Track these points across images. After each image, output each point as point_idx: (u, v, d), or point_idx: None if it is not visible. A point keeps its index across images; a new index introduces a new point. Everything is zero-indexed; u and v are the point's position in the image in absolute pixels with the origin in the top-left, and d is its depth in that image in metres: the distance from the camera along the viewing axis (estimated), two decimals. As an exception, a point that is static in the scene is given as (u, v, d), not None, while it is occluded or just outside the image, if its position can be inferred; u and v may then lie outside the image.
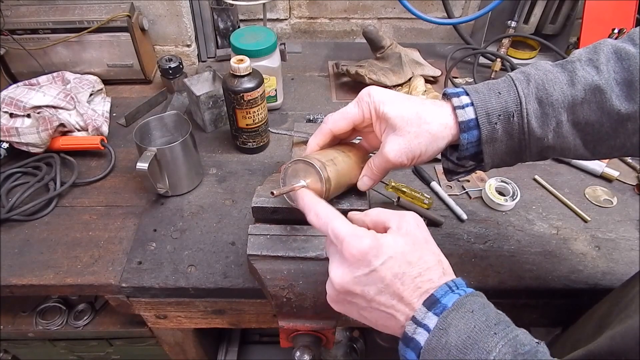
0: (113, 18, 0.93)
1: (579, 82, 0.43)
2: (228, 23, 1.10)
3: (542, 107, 0.44)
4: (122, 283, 0.65)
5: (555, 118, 0.44)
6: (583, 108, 0.43)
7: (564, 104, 0.44)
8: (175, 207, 0.76)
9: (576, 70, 0.44)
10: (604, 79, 0.42)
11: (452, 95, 0.47)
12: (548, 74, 0.45)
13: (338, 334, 1.14)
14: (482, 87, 0.47)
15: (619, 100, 0.42)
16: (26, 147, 0.80)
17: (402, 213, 0.42)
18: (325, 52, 1.18)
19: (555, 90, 0.44)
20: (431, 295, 0.37)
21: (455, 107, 0.46)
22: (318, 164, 0.48)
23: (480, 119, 0.45)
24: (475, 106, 0.45)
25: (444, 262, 0.40)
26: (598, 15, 1.01)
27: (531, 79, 0.45)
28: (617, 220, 0.74)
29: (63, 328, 0.83)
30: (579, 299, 0.67)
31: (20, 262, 0.68)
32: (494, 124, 0.45)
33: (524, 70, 0.46)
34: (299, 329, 0.56)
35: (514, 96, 0.44)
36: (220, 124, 0.92)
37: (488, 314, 0.36)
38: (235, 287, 0.65)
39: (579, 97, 0.43)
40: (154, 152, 0.69)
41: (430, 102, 0.48)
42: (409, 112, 0.46)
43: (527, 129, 0.44)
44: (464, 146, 0.47)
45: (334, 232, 0.40)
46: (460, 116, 0.45)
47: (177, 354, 0.92)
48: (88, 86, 0.93)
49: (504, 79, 0.46)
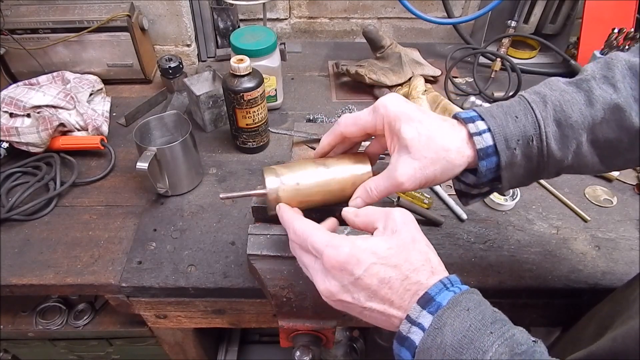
0: (113, 18, 0.93)
1: (598, 101, 0.42)
2: (228, 23, 1.10)
3: (561, 129, 0.43)
4: (122, 283, 0.65)
5: (575, 139, 0.43)
6: (602, 127, 0.43)
7: (583, 125, 0.43)
8: (175, 207, 0.76)
9: (593, 89, 0.43)
10: (622, 97, 0.42)
11: (467, 121, 0.45)
12: (564, 94, 0.43)
13: (338, 334, 1.14)
14: (497, 111, 0.44)
15: (637, 116, 0.41)
16: (26, 146, 0.80)
17: (389, 211, 0.41)
18: (325, 52, 1.18)
19: (573, 112, 0.43)
20: (425, 293, 0.37)
21: (472, 133, 0.44)
22: (270, 173, 0.48)
23: (499, 145, 0.43)
24: (492, 132, 0.43)
25: (432, 260, 0.39)
26: (598, 15, 1.01)
27: (548, 101, 0.43)
28: (617, 220, 0.74)
29: (63, 328, 0.83)
30: (579, 298, 0.67)
31: (20, 262, 0.68)
32: (513, 149, 0.43)
33: (538, 91, 0.45)
34: (299, 329, 0.56)
35: (531, 119, 0.43)
36: (220, 124, 0.92)
37: (484, 313, 0.35)
38: (235, 287, 0.65)
39: (598, 117, 0.42)
40: (154, 151, 0.69)
41: (448, 125, 0.45)
42: (426, 135, 0.43)
43: (546, 152, 0.43)
44: (482, 173, 0.45)
45: (313, 246, 0.40)
46: (478, 143, 0.43)
47: (177, 353, 0.92)
48: (88, 86, 0.93)
49: (518, 101, 0.45)
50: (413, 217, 0.41)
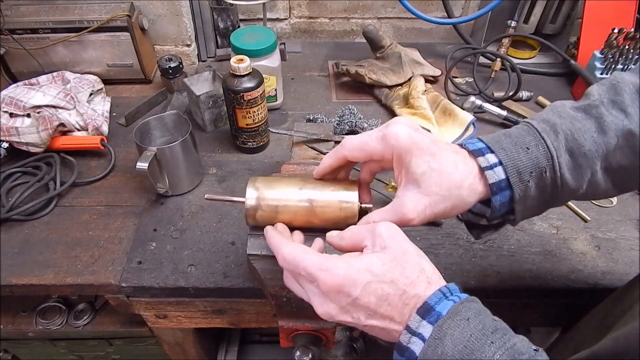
0: (113, 18, 0.93)
1: (610, 128, 0.41)
2: (228, 23, 1.10)
3: (574, 159, 0.42)
4: (122, 283, 0.65)
5: (590, 168, 0.42)
6: (616, 154, 0.42)
7: (597, 154, 0.42)
8: (175, 207, 0.76)
9: (603, 116, 0.42)
10: (634, 122, 0.41)
11: (477, 154, 0.43)
12: (575, 122, 0.42)
13: (338, 334, 1.14)
14: (506, 141, 0.43)
15: None
16: (26, 146, 0.80)
17: (374, 227, 0.40)
18: (325, 52, 1.18)
19: (586, 140, 0.41)
20: (425, 303, 0.36)
21: (482, 167, 0.42)
22: (252, 187, 0.48)
23: (511, 179, 0.41)
24: (504, 165, 0.41)
25: (427, 270, 0.39)
26: (598, 15, 1.01)
27: (559, 130, 0.42)
28: (617, 220, 0.74)
29: (63, 328, 0.83)
30: (579, 298, 0.67)
31: (20, 262, 0.68)
32: (527, 182, 0.42)
33: (547, 119, 0.43)
34: (299, 329, 0.56)
35: (543, 150, 0.41)
36: (220, 124, 0.92)
37: (484, 322, 0.35)
38: (235, 287, 0.65)
39: (612, 144, 0.41)
40: (154, 151, 0.69)
41: (460, 158, 0.43)
42: (438, 170, 0.42)
43: (560, 182, 0.42)
44: (496, 208, 0.43)
45: (306, 271, 0.39)
46: (490, 178, 0.42)
47: (177, 353, 0.92)
48: (88, 86, 0.93)
49: (527, 130, 0.43)
50: (398, 229, 0.41)
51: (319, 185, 0.50)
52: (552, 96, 1.00)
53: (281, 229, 0.48)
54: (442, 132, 0.89)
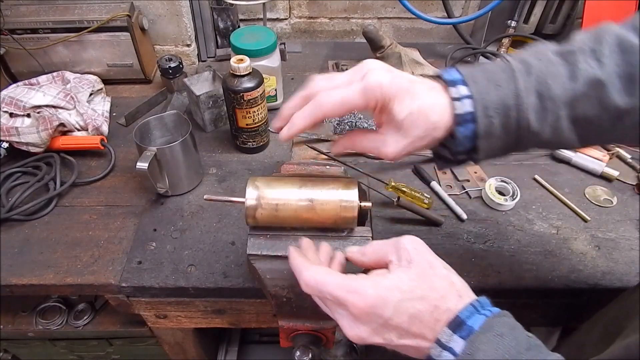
0: (113, 18, 0.93)
1: (581, 75, 0.41)
2: (228, 23, 1.10)
3: (541, 102, 0.42)
4: (122, 283, 0.65)
5: (554, 113, 0.42)
6: (583, 103, 0.42)
7: (564, 98, 0.42)
8: (175, 207, 0.76)
9: (578, 63, 0.42)
10: (606, 73, 0.41)
11: (450, 84, 0.43)
12: (550, 66, 0.42)
13: (338, 334, 1.14)
14: (480, 76, 0.43)
15: (619, 94, 0.41)
16: (26, 146, 0.80)
17: (397, 241, 0.40)
18: (325, 52, 1.18)
19: (556, 84, 0.42)
20: (456, 317, 0.35)
21: (452, 98, 0.43)
22: (251, 184, 0.48)
23: (477, 113, 0.42)
24: (474, 99, 0.42)
25: (456, 283, 0.38)
26: (598, 15, 1.01)
27: (532, 71, 0.42)
28: (617, 220, 0.74)
29: (63, 328, 0.83)
30: (579, 298, 0.67)
31: (20, 262, 0.68)
32: (491, 118, 0.42)
33: (525, 59, 0.43)
34: (299, 329, 0.56)
35: (513, 89, 0.42)
36: (220, 124, 0.92)
37: (518, 338, 0.34)
38: (235, 287, 0.65)
39: (579, 91, 0.41)
40: (154, 151, 0.69)
41: (435, 94, 0.43)
42: (417, 112, 0.42)
43: (524, 124, 0.42)
44: (459, 140, 0.44)
45: (333, 296, 0.38)
46: (457, 108, 0.42)
47: (177, 353, 0.92)
48: (88, 86, 0.93)
49: (503, 68, 0.43)
50: (422, 242, 0.40)
51: (318, 183, 0.50)
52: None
53: (306, 246, 0.47)
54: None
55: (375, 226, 0.73)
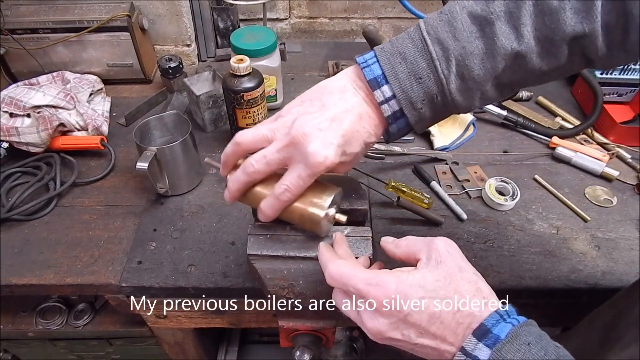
0: (113, 18, 0.93)
1: (499, 53, 0.41)
2: (228, 23, 1.10)
3: (464, 82, 0.42)
4: (122, 283, 0.65)
5: (479, 90, 0.43)
6: (505, 73, 0.42)
7: (486, 77, 0.42)
8: (175, 207, 0.76)
9: (495, 37, 0.40)
10: (524, 44, 0.40)
11: (372, 86, 0.43)
12: (467, 44, 0.41)
13: (338, 334, 1.14)
14: (401, 68, 0.42)
15: (540, 59, 0.41)
16: (26, 146, 0.80)
17: (431, 241, 0.40)
18: (325, 52, 1.18)
19: (475, 65, 0.41)
20: (481, 325, 0.34)
21: (378, 102, 0.43)
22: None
23: (405, 110, 0.43)
24: (397, 99, 0.43)
25: (483, 289, 0.37)
26: None
27: (451, 57, 0.41)
28: (617, 220, 0.74)
29: (63, 328, 0.83)
30: (579, 298, 0.67)
31: (20, 262, 0.68)
32: (420, 109, 0.43)
33: (442, 40, 0.41)
34: (299, 329, 0.56)
35: (435, 79, 0.42)
36: (220, 124, 0.92)
37: (546, 348, 0.33)
38: (235, 287, 0.65)
39: (499, 68, 0.42)
40: (154, 151, 0.69)
41: (366, 109, 0.44)
42: (352, 154, 0.45)
43: (452, 103, 0.43)
44: (393, 133, 0.46)
45: (355, 288, 0.38)
46: (385, 111, 0.44)
47: (177, 353, 0.92)
48: (88, 86, 0.93)
49: (422, 53, 0.42)
50: (456, 245, 0.40)
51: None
52: (552, 96, 1.00)
53: (339, 240, 0.47)
54: (442, 132, 0.89)
55: (375, 226, 0.73)
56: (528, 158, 0.86)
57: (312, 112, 0.43)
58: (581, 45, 0.40)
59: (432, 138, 0.88)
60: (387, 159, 0.85)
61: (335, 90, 0.45)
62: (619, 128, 0.87)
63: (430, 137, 0.88)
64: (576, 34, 0.39)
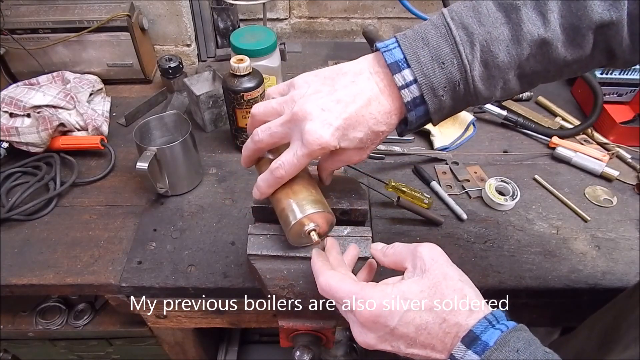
0: (113, 18, 0.93)
1: (525, 39, 0.40)
2: (228, 23, 1.10)
3: (488, 70, 0.41)
4: (122, 283, 0.65)
5: (502, 78, 0.42)
6: (529, 62, 0.41)
7: (510, 65, 0.41)
8: (175, 207, 0.76)
9: (521, 23, 0.40)
10: (550, 30, 0.39)
11: (393, 69, 0.42)
12: (493, 30, 0.40)
13: (338, 334, 1.14)
14: (423, 53, 0.41)
15: (564, 47, 0.40)
16: (26, 146, 0.80)
17: (415, 248, 0.40)
18: (325, 52, 1.18)
19: (501, 51, 0.40)
20: (470, 332, 0.35)
21: (399, 86, 0.42)
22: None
23: (426, 96, 0.42)
24: (419, 83, 0.41)
25: (469, 296, 0.37)
26: None
27: (475, 42, 0.40)
28: (617, 220, 0.74)
29: (63, 328, 0.83)
30: (579, 298, 0.67)
31: (20, 262, 0.68)
32: (441, 97, 0.42)
33: (467, 26, 0.41)
34: (299, 329, 0.56)
35: (458, 65, 0.41)
36: (220, 124, 0.92)
37: (535, 354, 0.33)
38: (235, 287, 0.65)
39: (525, 54, 0.41)
40: (154, 151, 0.69)
41: (382, 103, 0.43)
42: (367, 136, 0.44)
43: (473, 92, 0.42)
44: (412, 121, 0.44)
45: (342, 302, 0.39)
46: (405, 97, 0.42)
47: (177, 353, 0.92)
48: (88, 86, 0.93)
49: (445, 38, 0.41)
50: (442, 251, 0.40)
51: (300, 181, 0.48)
52: (552, 96, 1.00)
53: (330, 246, 0.48)
54: (443, 133, 0.89)
55: (375, 226, 0.73)
56: (528, 158, 0.86)
57: (321, 90, 0.43)
58: (606, 35, 0.39)
59: (432, 138, 0.88)
60: (387, 159, 0.85)
61: (350, 72, 0.44)
62: (619, 128, 0.87)
63: (430, 137, 0.88)
64: (603, 22, 0.38)
